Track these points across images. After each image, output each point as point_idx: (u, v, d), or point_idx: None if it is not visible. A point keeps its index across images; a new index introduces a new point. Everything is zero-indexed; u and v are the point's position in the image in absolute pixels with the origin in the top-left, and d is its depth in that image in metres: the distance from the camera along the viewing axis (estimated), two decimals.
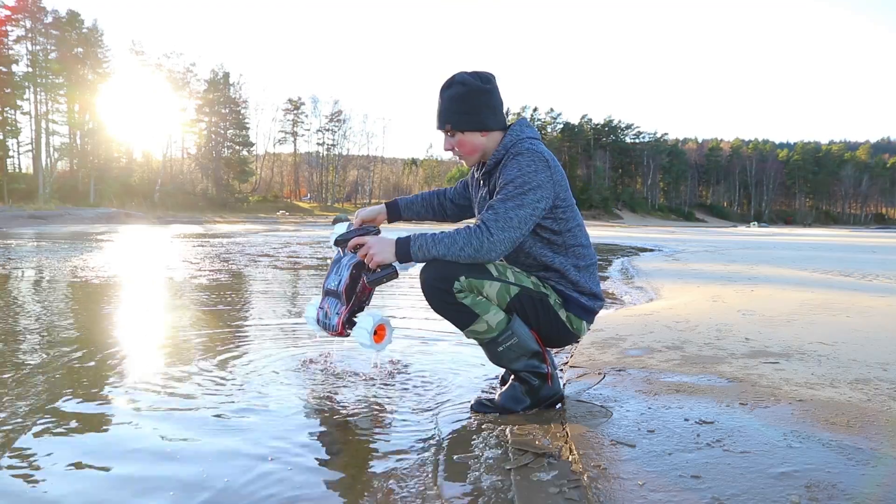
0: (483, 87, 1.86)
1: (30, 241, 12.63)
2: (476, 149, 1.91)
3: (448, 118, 1.87)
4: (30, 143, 49.84)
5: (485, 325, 1.80)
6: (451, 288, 1.76)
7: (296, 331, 3.34)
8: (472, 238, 1.74)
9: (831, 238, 24.16)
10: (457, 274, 1.76)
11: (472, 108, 1.85)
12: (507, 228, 1.74)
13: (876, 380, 2.19)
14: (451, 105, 1.87)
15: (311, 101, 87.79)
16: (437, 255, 1.76)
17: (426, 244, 1.76)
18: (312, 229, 25.00)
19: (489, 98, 1.87)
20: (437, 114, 1.91)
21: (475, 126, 1.87)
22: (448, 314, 1.82)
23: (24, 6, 47.64)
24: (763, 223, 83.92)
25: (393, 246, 1.80)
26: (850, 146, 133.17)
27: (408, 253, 1.78)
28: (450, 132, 1.90)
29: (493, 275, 1.81)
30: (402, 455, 1.62)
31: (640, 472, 1.41)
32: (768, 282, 5.91)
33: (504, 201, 1.76)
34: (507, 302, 1.83)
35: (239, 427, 1.80)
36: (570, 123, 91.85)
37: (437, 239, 1.76)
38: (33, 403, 1.98)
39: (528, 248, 1.88)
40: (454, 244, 1.74)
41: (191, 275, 6.28)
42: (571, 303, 1.90)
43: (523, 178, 1.77)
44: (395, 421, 1.88)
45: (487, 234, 1.73)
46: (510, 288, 1.83)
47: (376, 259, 1.81)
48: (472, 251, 1.74)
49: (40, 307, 4.06)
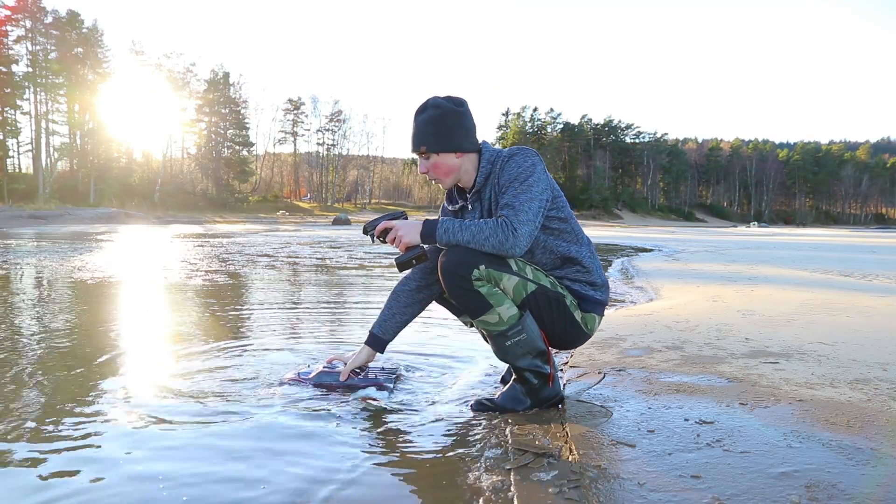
0: (456, 110, 1.90)
1: (30, 241, 12.63)
2: (451, 170, 1.94)
3: (423, 140, 1.91)
4: (30, 143, 49.86)
5: (496, 317, 1.82)
6: (470, 275, 1.78)
7: (296, 331, 3.34)
8: (498, 230, 1.76)
9: (831, 238, 24.16)
10: (478, 262, 1.78)
11: (446, 130, 1.89)
12: (526, 222, 1.78)
13: (876, 380, 2.19)
14: (425, 128, 1.90)
15: (311, 101, 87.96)
16: (461, 240, 1.78)
17: (452, 228, 1.79)
18: (312, 229, 25.00)
19: (462, 120, 1.91)
20: (412, 137, 1.94)
21: (449, 147, 1.90)
22: (462, 300, 1.83)
23: (24, 6, 47.63)
24: (763, 223, 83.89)
25: (420, 227, 1.84)
26: (850, 146, 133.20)
27: (433, 234, 1.81)
28: (425, 154, 1.92)
29: (513, 269, 1.84)
30: (401, 455, 1.62)
31: (640, 472, 1.41)
32: (768, 282, 5.91)
33: (516, 196, 1.80)
34: (522, 298, 1.85)
35: (239, 428, 1.80)
36: (570, 123, 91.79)
37: (464, 226, 1.79)
38: (32, 405, 1.98)
39: (543, 244, 1.92)
40: (480, 232, 1.77)
41: (190, 275, 6.28)
42: (586, 300, 1.95)
43: (525, 173, 1.83)
44: (394, 421, 1.88)
45: (512, 229, 1.76)
46: (528, 284, 1.85)
47: (404, 240, 1.84)
48: (496, 242, 1.76)
49: (40, 307, 4.06)
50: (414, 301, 2.15)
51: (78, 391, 2.12)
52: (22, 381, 2.25)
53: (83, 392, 2.11)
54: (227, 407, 1.97)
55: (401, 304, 2.14)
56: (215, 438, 1.71)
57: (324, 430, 1.79)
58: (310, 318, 3.77)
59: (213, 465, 1.53)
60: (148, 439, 1.69)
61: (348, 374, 2.15)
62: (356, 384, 2.15)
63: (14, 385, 2.20)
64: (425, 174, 1.96)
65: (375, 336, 2.15)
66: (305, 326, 3.49)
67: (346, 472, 1.51)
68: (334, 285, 5.74)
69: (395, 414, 1.94)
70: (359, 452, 1.64)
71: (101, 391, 2.13)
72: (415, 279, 2.14)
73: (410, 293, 2.14)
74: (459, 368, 2.53)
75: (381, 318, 2.15)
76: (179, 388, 2.17)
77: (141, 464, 1.54)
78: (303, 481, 1.46)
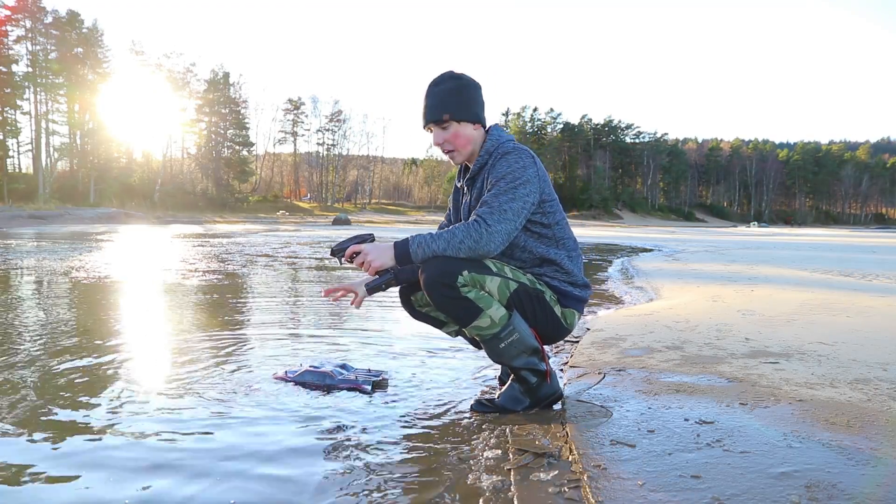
0: (475, 82, 1.94)
1: (29, 241, 12.62)
2: (469, 141, 1.93)
3: (446, 108, 1.89)
4: (30, 143, 49.85)
5: (488, 321, 1.81)
6: (455, 282, 1.76)
7: (296, 331, 3.34)
8: (470, 231, 1.75)
9: (831, 238, 24.16)
10: (460, 269, 1.76)
11: (468, 100, 1.91)
12: (502, 220, 1.77)
13: (876, 380, 2.19)
14: (447, 97, 1.89)
15: (311, 101, 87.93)
16: (437, 250, 1.76)
17: (425, 241, 1.77)
18: (312, 229, 24.99)
19: (479, 93, 1.95)
20: (430, 107, 1.90)
21: (471, 117, 1.91)
22: (451, 309, 1.81)
23: (24, 6, 47.62)
24: (763, 223, 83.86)
25: (391, 250, 1.80)
26: (850, 146, 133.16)
27: (407, 252, 1.78)
28: (446, 123, 1.90)
29: (493, 270, 1.83)
30: (401, 455, 1.62)
31: (640, 472, 1.41)
32: (768, 282, 5.91)
33: (497, 196, 1.80)
34: (507, 297, 1.84)
35: (238, 428, 1.80)
36: (570, 123, 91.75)
37: (436, 236, 1.77)
38: (30, 407, 1.98)
39: (522, 244, 1.91)
40: (453, 238, 1.76)
41: (190, 275, 6.28)
42: (567, 296, 1.94)
43: (514, 173, 1.82)
44: (394, 422, 1.88)
45: (485, 227, 1.75)
46: (509, 283, 1.85)
47: (374, 265, 1.80)
48: (471, 243, 1.75)
49: (39, 308, 4.06)
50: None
51: (71, 389, 2.12)
52: (19, 380, 2.25)
53: (76, 391, 2.11)
54: (217, 407, 1.97)
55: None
56: (202, 441, 1.71)
57: (320, 433, 1.79)
58: (309, 318, 3.77)
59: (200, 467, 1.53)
60: (139, 438, 1.69)
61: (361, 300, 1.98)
62: (335, 385, 2.17)
63: (8, 385, 2.20)
64: (440, 146, 1.94)
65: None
66: (305, 327, 3.49)
67: (346, 473, 1.51)
68: (335, 282, 5.73)
69: (394, 414, 1.94)
70: (358, 453, 1.64)
71: (99, 391, 2.13)
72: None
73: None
74: (459, 369, 2.53)
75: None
76: (173, 386, 2.17)
77: (138, 463, 1.54)
78: (294, 483, 1.46)
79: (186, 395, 2.08)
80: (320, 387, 2.17)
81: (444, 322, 2.13)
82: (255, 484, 1.44)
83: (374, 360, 2.64)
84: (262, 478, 1.47)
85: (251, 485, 1.44)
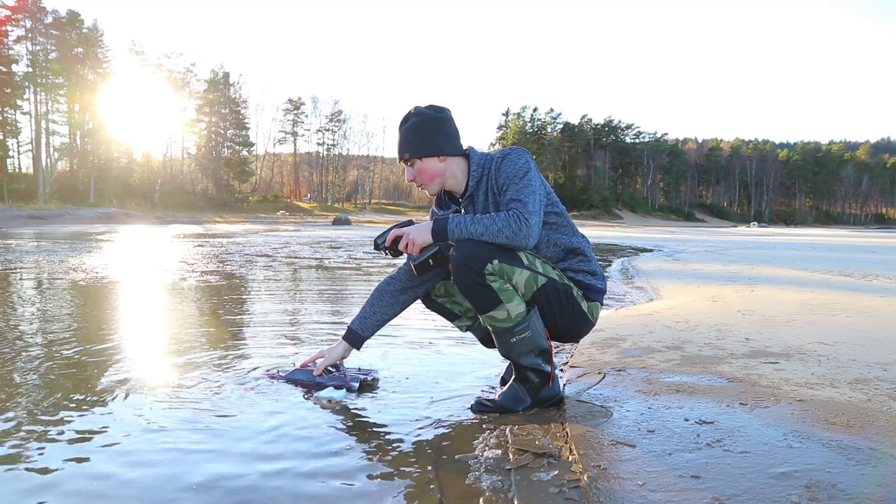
0: (436, 116, 1.95)
1: (29, 241, 12.63)
2: (435, 175, 1.96)
3: (406, 148, 1.94)
4: (30, 143, 49.90)
5: (504, 314, 1.83)
6: (483, 269, 1.78)
7: (296, 332, 3.34)
8: (510, 222, 1.78)
9: (831, 238, 24.16)
10: (491, 256, 1.78)
11: (426, 136, 1.93)
12: (535, 213, 1.81)
13: (876, 380, 2.19)
14: (407, 135, 1.94)
15: (311, 101, 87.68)
16: (474, 233, 1.79)
17: (464, 222, 1.80)
18: (312, 229, 25.00)
19: (442, 125, 1.95)
20: (397, 147, 1.98)
21: (431, 151, 1.93)
22: (472, 294, 1.83)
23: (24, 6, 47.66)
24: (763, 223, 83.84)
25: (430, 227, 1.85)
26: (850, 146, 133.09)
27: (444, 230, 1.82)
28: (409, 161, 1.95)
29: (524, 263, 1.85)
30: (402, 456, 1.62)
31: (640, 472, 1.41)
32: (768, 282, 5.91)
33: (520, 191, 1.83)
34: (533, 291, 1.86)
35: (236, 429, 1.80)
36: (570, 123, 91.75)
37: (476, 219, 1.80)
38: (31, 407, 1.98)
39: (546, 238, 1.95)
40: (493, 224, 1.78)
41: (189, 276, 6.28)
42: (590, 289, 1.98)
43: (522, 170, 1.86)
44: (394, 421, 1.88)
45: (525, 220, 1.78)
46: (538, 278, 1.86)
47: (417, 242, 1.86)
48: (510, 233, 1.78)
49: (39, 308, 4.06)
50: (396, 302, 2.18)
51: (70, 387, 2.12)
52: (17, 380, 2.25)
53: (75, 389, 2.11)
54: (212, 406, 1.97)
55: (382, 304, 2.18)
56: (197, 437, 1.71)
57: (321, 431, 1.79)
58: (308, 319, 3.77)
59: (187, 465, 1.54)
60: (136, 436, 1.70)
61: (322, 370, 2.18)
62: (324, 382, 2.17)
63: (5, 385, 2.20)
64: (412, 182, 1.99)
65: (354, 332, 2.18)
66: (303, 326, 3.49)
67: (344, 473, 1.51)
68: (335, 282, 5.74)
69: (394, 414, 1.94)
70: (358, 453, 1.64)
71: (96, 390, 2.13)
72: (399, 280, 2.17)
73: (394, 294, 2.18)
74: (459, 369, 2.53)
75: (362, 315, 2.18)
76: (170, 386, 2.17)
77: (137, 460, 1.54)
78: (301, 483, 1.46)
79: (182, 395, 2.08)
80: (310, 385, 2.18)
81: (458, 315, 2.17)
82: (251, 483, 1.44)
83: (373, 360, 2.64)
84: (258, 478, 1.47)
85: (248, 484, 1.44)
